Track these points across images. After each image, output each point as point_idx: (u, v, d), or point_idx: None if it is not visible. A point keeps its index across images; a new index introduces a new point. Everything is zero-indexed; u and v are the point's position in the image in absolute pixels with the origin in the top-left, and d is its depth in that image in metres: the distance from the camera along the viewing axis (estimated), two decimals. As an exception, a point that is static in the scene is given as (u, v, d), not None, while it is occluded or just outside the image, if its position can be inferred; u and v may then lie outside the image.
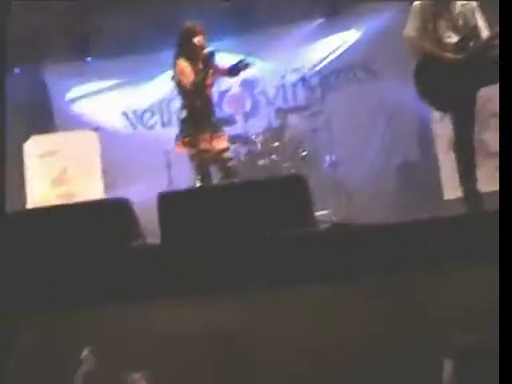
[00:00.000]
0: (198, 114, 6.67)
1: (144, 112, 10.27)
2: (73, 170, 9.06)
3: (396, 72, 9.03)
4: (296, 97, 9.88)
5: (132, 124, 10.30)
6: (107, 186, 9.00)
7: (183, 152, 6.82)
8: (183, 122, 6.76)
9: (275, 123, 8.98)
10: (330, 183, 8.59)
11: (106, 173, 9.10)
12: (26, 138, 9.17)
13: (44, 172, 9.06)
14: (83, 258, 4.88)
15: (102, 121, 9.99)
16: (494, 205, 5.63)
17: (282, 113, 9.02)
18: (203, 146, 6.60)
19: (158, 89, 9.89)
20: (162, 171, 8.92)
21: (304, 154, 8.67)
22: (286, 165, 8.46)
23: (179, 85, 6.74)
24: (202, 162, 6.65)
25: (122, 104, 10.25)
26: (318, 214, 6.09)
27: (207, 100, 6.77)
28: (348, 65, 9.89)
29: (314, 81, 9.85)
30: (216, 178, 6.84)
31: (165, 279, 4.70)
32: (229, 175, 6.68)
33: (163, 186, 8.26)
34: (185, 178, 8.19)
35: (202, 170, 6.66)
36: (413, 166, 9.17)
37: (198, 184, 6.60)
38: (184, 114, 6.75)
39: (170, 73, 6.90)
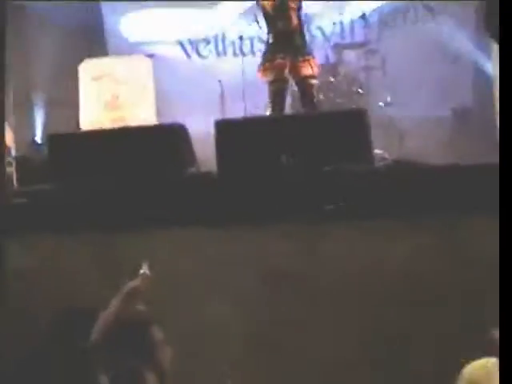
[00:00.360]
0: (280, 38, 6.50)
1: (199, 41, 10.18)
2: (125, 95, 9.01)
3: (456, 13, 8.87)
4: (353, 34, 9.73)
5: (186, 53, 10.23)
6: (159, 114, 8.98)
7: (264, 78, 6.64)
8: (266, 48, 6.65)
9: (331, 59, 8.88)
10: (383, 123, 8.48)
11: (158, 100, 9.07)
12: (80, 61, 9.16)
13: (97, 95, 9.03)
14: (137, 181, 4.90)
15: (156, 48, 9.93)
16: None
17: (338, 48, 8.92)
18: (280, 73, 6.43)
19: (215, 19, 9.80)
20: (215, 101, 8.89)
21: (358, 91, 8.58)
22: (339, 101, 8.37)
23: (263, 8, 6.62)
24: (278, 89, 6.47)
25: (178, 32, 10.17)
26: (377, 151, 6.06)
27: (290, 24, 6.53)
28: (407, 4, 9.71)
29: (373, 18, 9.67)
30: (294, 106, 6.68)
31: (216, 208, 4.69)
32: (308, 104, 6.48)
33: (216, 116, 8.21)
34: (238, 108, 8.16)
35: (275, 98, 6.48)
36: (468, 112, 9.02)
37: (268, 112, 6.46)
38: (268, 39, 6.61)
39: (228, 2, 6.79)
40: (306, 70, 6.50)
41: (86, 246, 4.67)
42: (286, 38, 6.49)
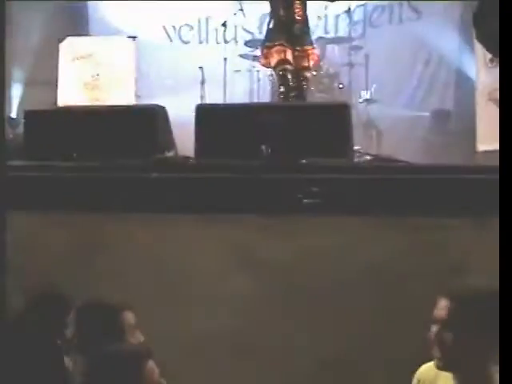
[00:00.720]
0: (280, 25, 6.40)
1: (182, 26, 10.12)
2: (106, 75, 8.97)
3: (440, 14, 8.88)
4: (337, 29, 9.72)
5: (169, 37, 10.16)
6: (139, 96, 8.94)
7: (267, 65, 6.57)
8: (266, 34, 6.55)
9: (314, 52, 8.84)
10: (362, 120, 8.48)
11: (139, 83, 9.02)
12: (61, 40, 9.09)
13: (76, 75, 8.99)
14: (112, 162, 4.83)
15: (139, 30, 9.85)
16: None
17: (321, 43, 8.88)
18: (282, 55, 6.30)
19: (199, 4, 9.73)
20: (194, 87, 8.85)
21: (339, 86, 8.57)
22: (319, 95, 8.35)
23: None
24: (284, 71, 6.31)
25: (161, 16, 10.10)
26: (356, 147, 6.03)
27: (292, 12, 6.43)
28: (393, 3, 9.71)
29: (358, 15, 9.66)
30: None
31: (192, 194, 4.64)
32: (298, 96, 6.35)
33: (195, 102, 8.17)
34: (218, 95, 8.13)
35: (283, 80, 6.32)
36: (448, 113, 9.05)
37: (281, 96, 6.33)
38: (269, 25, 6.51)
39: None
40: (303, 62, 6.41)
41: (58, 226, 4.60)
42: (286, 25, 6.39)
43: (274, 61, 6.33)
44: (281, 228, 4.51)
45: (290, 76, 6.29)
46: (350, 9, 9.37)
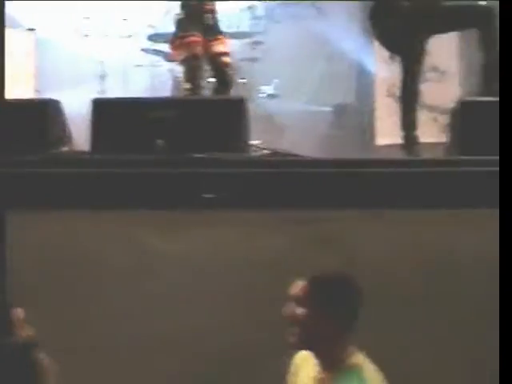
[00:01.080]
0: (192, 16, 6.35)
1: (83, 20, 9.93)
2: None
3: (342, 10, 8.97)
4: (240, 24, 9.70)
5: (68, 30, 9.97)
6: (38, 90, 8.76)
7: (177, 57, 6.53)
8: (177, 25, 6.48)
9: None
10: (264, 115, 8.50)
11: (38, 77, 8.84)
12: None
13: (-29, 67, 8.74)
14: (3, 158, 4.71)
15: (38, 23, 9.63)
16: (427, 155, 5.70)
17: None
18: (192, 50, 6.27)
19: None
20: (95, 81, 8.73)
21: (241, 81, 8.56)
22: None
23: None
24: (192, 67, 6.31)
25: (61, 8, 9.89)
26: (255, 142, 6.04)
27: (202, 2, 6.42)
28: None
29: (260, 10, 9.67)
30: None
31: (86, 189, 4.56)
32: (223, 83, 6.39)
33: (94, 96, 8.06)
34: (118, 90, 8.03)
35: (190, 75, 6.32)
36: (349, 108, 9.15)
37: (186, 92, 6.30)
38: (180, 16, 6.46)
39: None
40: (219, 48, 6.39)
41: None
42: (197, 16, 6.34)
43: (183, 54, 6.30)
44: (177, 222, 4.49)
45: (197, 72, 6.29)
46: (252, 5, 9.43)
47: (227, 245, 4.48)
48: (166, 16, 9.51)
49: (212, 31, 6.40)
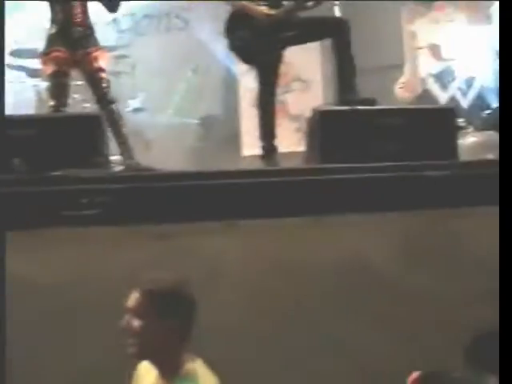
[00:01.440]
0: (60, 29, 6.16)
1: None
2: None
3: (208, 23, 9.03)
4: (105, 37, 9.62)
5: None
6: None
7: (44, 71, 6.27)
8: (46, 39, 6.26)
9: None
10: (131, 129, 8.45)
11: None
12: None
13: None
14: None
15: None
16: (289, 164, 5.79)
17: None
18: (58, 66, 6.07)
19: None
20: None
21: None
22: (86, 105, 8.24)
23: None
24: (57, 83, 6.10)
25: None
26: (115, 157, 6.01)
27: (70, 15, 6.18)
28: (162, 12, 9.78)
29: (126, 24, 9.65)
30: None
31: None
32: (101, 100, 6.19)
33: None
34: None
35: (54, 92, 6.11)
36: (215, 119, 9.22)
37: (50, 109, 6.07)
38: (50, 30, 6.24)
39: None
40: (90, 64, 6.19)
41: None
42: (65, 30, 6.18)
43: (49, 69, 6.11)
44: (37, 241, 4.43)
45: (60, 89, 6.13)
46: (116, 18, 9.38)
47: (88, 262, 4.45)
48: (30, 30, 9.46)
49: (81, 45, 6.21)
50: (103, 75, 6.22)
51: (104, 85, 6.20)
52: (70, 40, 6.17)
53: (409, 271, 4.58)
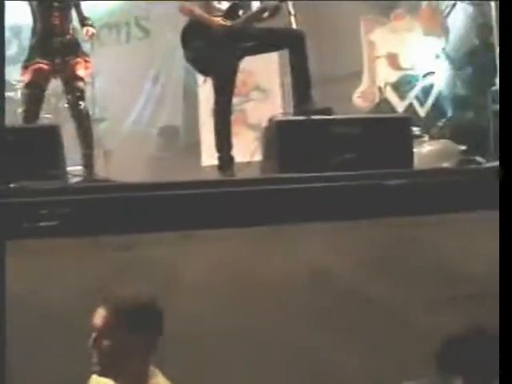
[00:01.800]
0: (40, 39, 6.19)
1: None
2: None
3: (168, 32, 9.05)
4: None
5: None
6: None
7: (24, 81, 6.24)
8: (28, 48, 6.29)
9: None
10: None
11: None
12: None
13: None
14: None
15: None
16: (247, 174, 5.81)
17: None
18: (35, 77, 6.08)
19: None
20: None
21: (65, 106, 8.47)
22: (47, 115, 8.22)
23: (30, 6, 6.26)
24: (30, 95, 6.11)
25: None
26: (73, 168, 5.99)
27: (51, 24, 6.21)
28: (122, 21, 9.78)
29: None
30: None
31: None
32: (73, 108, 6.23)
33: None
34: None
35: (26, 104, 6.13)
36: (176, 129, 9.24)
37: (22, 118, 6.12)
38: (31, 39, 6.26)
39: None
40: (68, 72, 6.21)
41: None
42: (44, 40, 6.19)
43: (26, 80, 6.13)
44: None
45: (39, 100, 6.15)
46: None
47: (49, 273, 4.43)
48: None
49: (61, 54, 6.21)
50: (79, 84, 6.25)
51: (77, 94, 6.22)
52: (51, 50, 6.18)
53: (370, 280, 4.62)
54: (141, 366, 2.92)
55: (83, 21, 6.50)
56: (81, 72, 6.29)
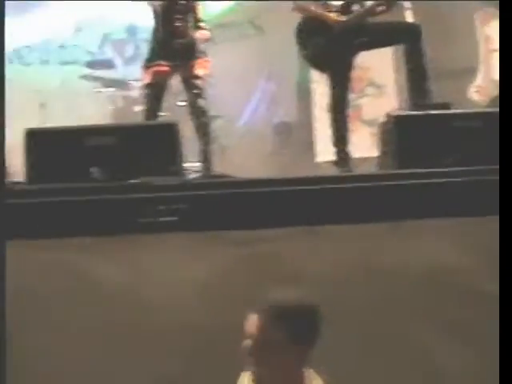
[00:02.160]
0: (163, 41, 6.28)
1: (22, 48, 9.92)
2: None
3: (281, 29, 9.07)
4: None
5: (8, 58, 9.94)
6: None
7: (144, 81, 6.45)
8: (149, 50, 6.46)
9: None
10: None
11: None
12: None
13: None
14: None
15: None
16: (363, 170, 5.78)
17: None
18: (156, 77, 6.23)
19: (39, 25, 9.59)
20: (35, 110, 8.71)
21: (181, 104, 8.59)
22: (161, 113, 8.34)
23: (153, 8, 6.38)
24: (152, 94, 6.30)
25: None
26: (191, 164, 6.08)
27: (173, 26, 6.31)
28: (235, 20, 9.86)
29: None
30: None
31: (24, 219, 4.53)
32: (192, 106, 6.36)
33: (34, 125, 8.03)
34: (59, 117, 8.01)
35: (148, 102, 6.33)
36: (290, 126, 9.25)
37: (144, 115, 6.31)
38: (153, 40, 6.41)
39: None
40: (188, 72, 6.31)
41: None
42: (165, 42, 6.30)
43: (147, 80, 6.28)
44: (118, 249, 4.51)
45: (159, 100, 6.32)
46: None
47: (168, 268, 4.50)
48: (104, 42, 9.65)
49: (181, 56, 6.29)
50: (198, 82, 6.32)
51: (196, 91, 6.30)
52: (171, 52, 6.28)
53: (488, 278, 4.50)
54: (297, 371, 2.71)
55: (199, 23, 6.57)
56: (200, 71, 6.36)
